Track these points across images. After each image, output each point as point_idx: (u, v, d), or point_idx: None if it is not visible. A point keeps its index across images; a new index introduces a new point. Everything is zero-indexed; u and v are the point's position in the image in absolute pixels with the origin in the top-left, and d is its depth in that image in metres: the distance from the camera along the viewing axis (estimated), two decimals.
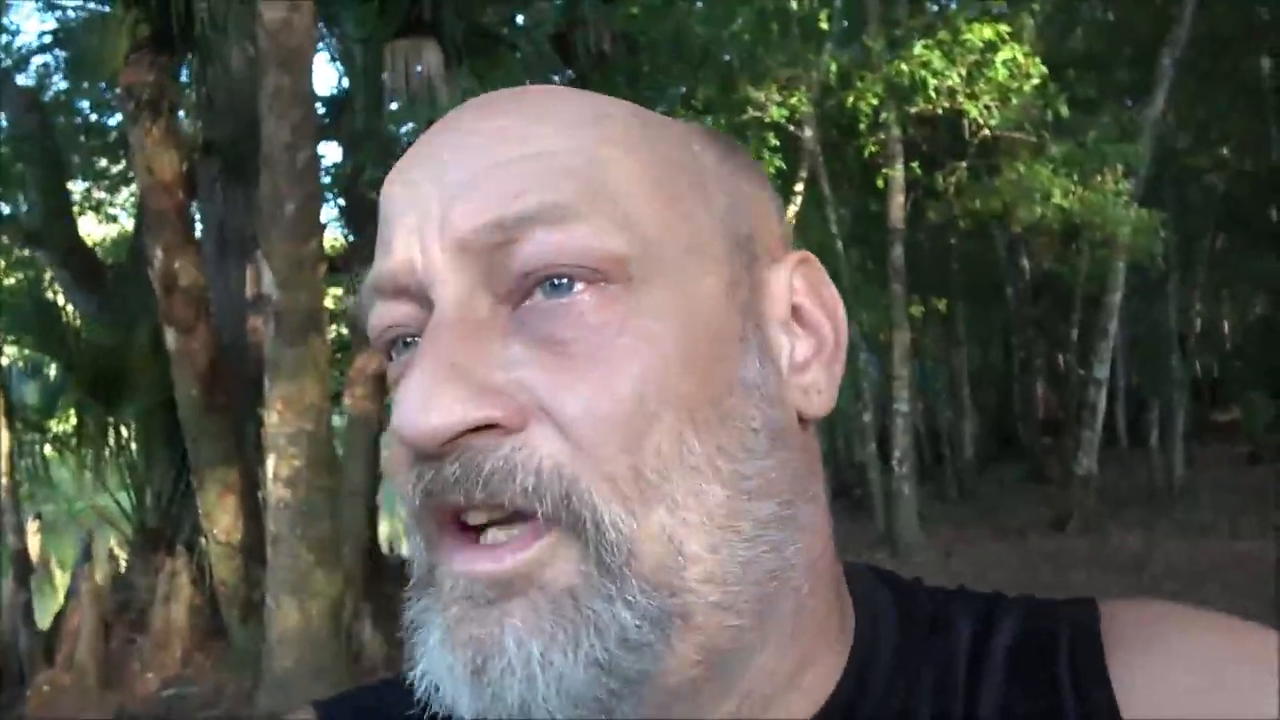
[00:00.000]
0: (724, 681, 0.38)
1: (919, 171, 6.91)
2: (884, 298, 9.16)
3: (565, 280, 0.35)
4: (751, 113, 6.01)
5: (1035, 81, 5.83)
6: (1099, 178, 8.10)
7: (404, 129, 6.54)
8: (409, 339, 0.39)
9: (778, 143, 6.15)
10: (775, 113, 5.92)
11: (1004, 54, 5.70)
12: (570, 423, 0.35)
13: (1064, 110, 6.08)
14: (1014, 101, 5.93)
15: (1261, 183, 13.02)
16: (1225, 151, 12.69)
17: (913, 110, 6.05)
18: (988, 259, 14.06)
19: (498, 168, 0.36)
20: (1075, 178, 7.56)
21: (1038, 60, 5.73)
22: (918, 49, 5.68)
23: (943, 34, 5.58)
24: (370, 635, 6.96)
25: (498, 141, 0.37)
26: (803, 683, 0.40)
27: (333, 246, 9.35)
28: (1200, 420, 15.20)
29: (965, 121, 6.28)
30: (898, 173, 8.03)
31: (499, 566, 0.35)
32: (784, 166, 6.30)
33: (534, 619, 0.34)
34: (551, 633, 0.34)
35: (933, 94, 5.81)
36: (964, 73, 5.70)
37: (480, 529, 0.36)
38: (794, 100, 5.91)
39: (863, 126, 6.33)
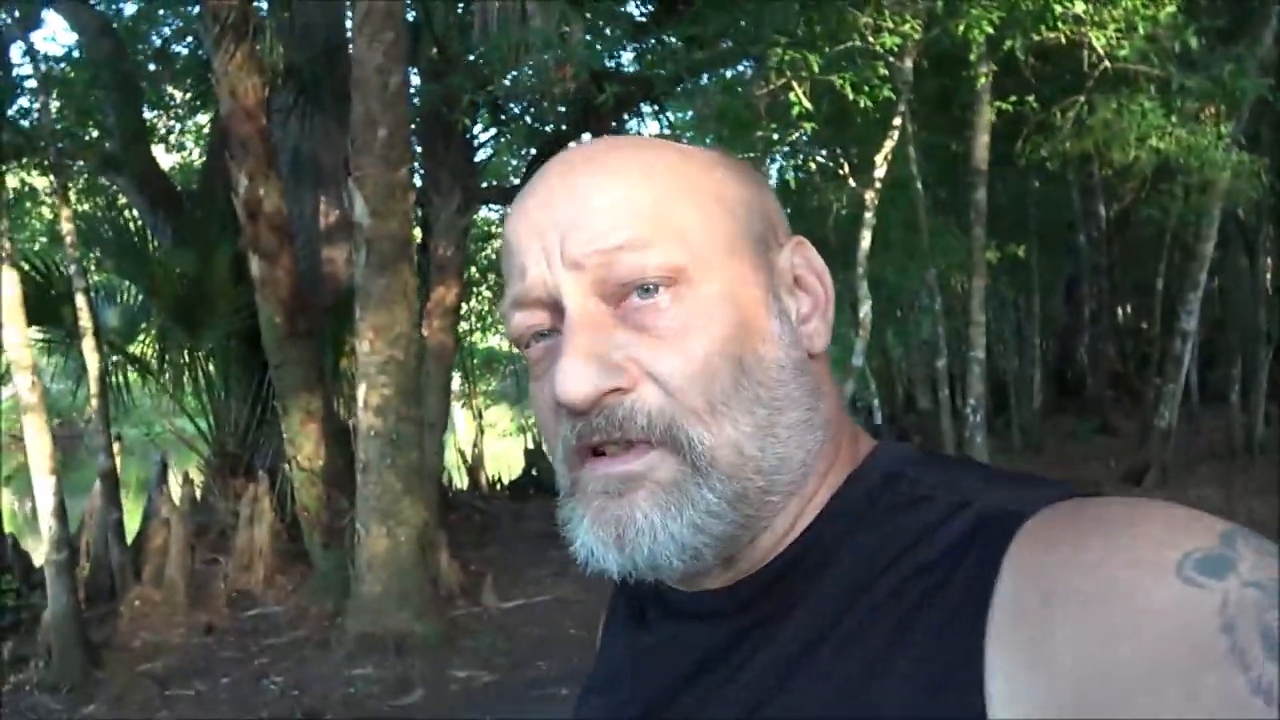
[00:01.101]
0: (749, 538, 0.55)
1: (1035, 107, 6.59)
2: (963, 242, 8.90)
3: (650, 287, 0.53)
4: (856, 41, 5.75)
5: (1170, 9, 5.48)
6: (1201, 118, 7.73)
7: (496, 55, 6.37)
8: (544, 332, 0.56)
9: (886, 72, 5.90)
10: (888, 40, 5.64)
11: None
12: (665, 380, 0.52)
13: (1194, 42, 5.71)
14: (1141, 31, 5.57)
15: None
16: None
17: (1036, 39, 5.72)
18: (1062, 204, 13.63)
19: (595, 211, 0.54)
20: (1174, 119, 7.21)
21: None
22: None
23: None
24: (448, 564, 7.06)
25: (592, 191, 0.54)
26: (783, 540, 0.56)
27: None
28: (1272, 379, 14.77)
29: (1085, 53, 5.95)
30: (988, 110, 7.73)
31: (627, 467, 0.53)
32: (893, 97, 6.06)
33: (652, 500, 0.52)
34: (665, 507, 0.52)
35: (1058, 22, 5.50)
36: None
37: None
38: (906, 27, 5.63)
39: (973, 58, 6.03)
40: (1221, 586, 0.39)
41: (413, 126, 8.25)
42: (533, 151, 11.07)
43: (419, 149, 7.97)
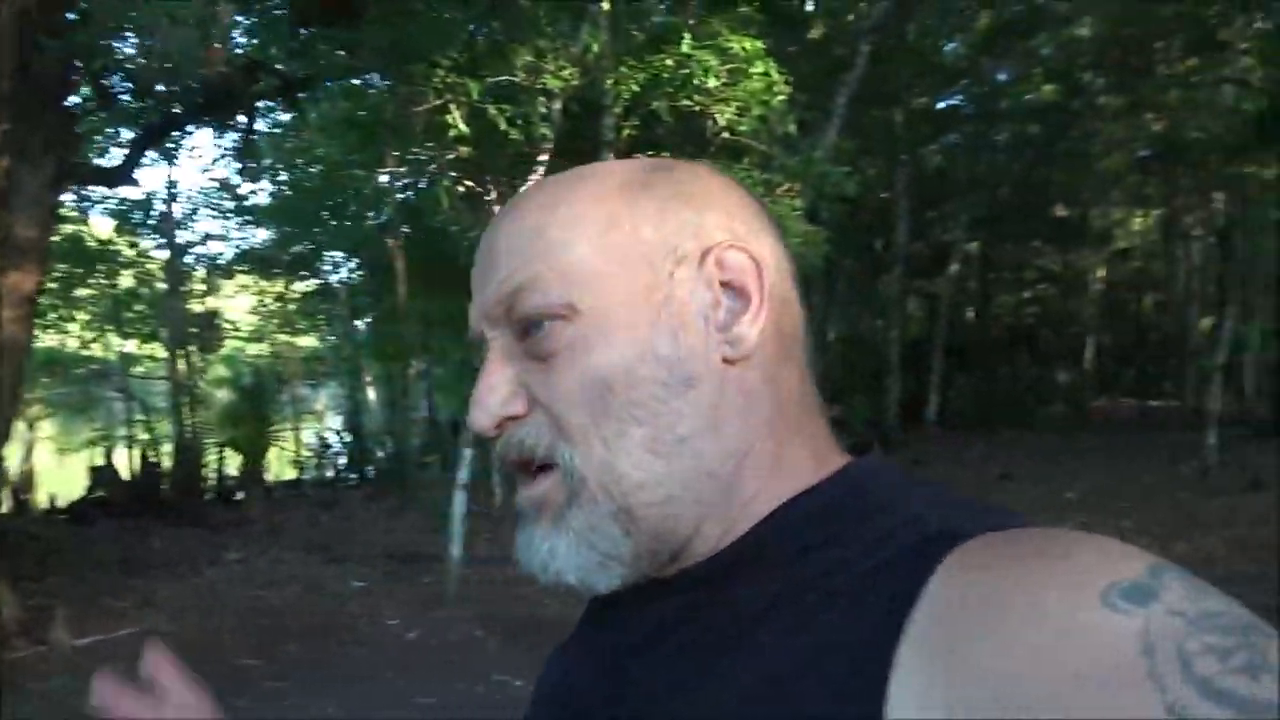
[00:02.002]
0: (674, 548, 0.58)
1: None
2: None
3: (542, 323, 0.58)
4: (523, 77, 6.00)
5: (781, 98, 6.47)
6: (778, 191, 9.14)
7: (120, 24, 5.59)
8: None
9: (545, 110, 6.23)
10: (551, 81, 5.95)
11: (760, 66, 6.26)
12: (549, 408, 0.58)
13: (793, 128, 6.79)
14: (755, 112, 6.49)
15: (877, 215, 15.35)
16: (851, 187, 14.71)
17: (675, 104, 6.41)
18: None
19: (499, 258, 0.60)
20: (761, 190, 8.47)
21: (785, 79, 6.37)
22: (685, 46, 6.05)
23: (720, 40, 6.02)
24: (5, 598, 6.01)
25: (501, 239, 0.61)
26: (720, 544, 0.59)
27: None
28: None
29: (709, 124, 6.80)
30: (612, 158, 8.44)
31: (532, 492, 0.60)
32: (548, 134, 6.39)
33: (546, 524, 0.58)
34: (554, 529, 0.58)
35: (694, 93, 6.21)
36: (723, 76, 6.16)
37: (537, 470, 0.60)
38: (566, 72, 5.99)
39: (618, 110, 6.59)
40: (1144, 613, 0.40)
41: None
42: (129, 134, 9.86)
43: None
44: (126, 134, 10.59)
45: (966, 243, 19.94)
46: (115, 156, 10.87)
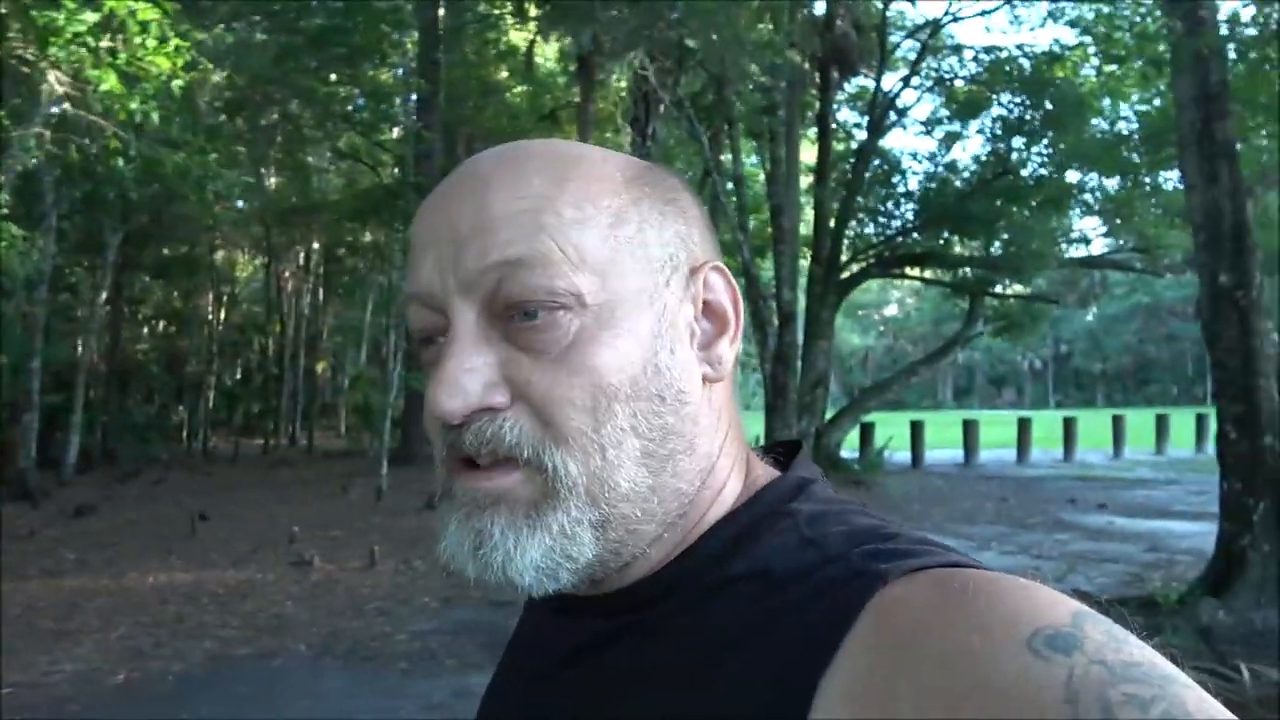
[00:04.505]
0: (619, 564, 0.57)
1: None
2: None
3: (542, 309, 0.53)
4: None
5: (180, 83, 5.03)
6: None
7: None
8: (436, 338, 0.57)
9: None
10: None
11: (175, 40, 4.80)
12: (539, 405, 0.54)
13: (156, 118, 5.39)
14: (112, 88, 4.90)
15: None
16: None
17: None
18: None
19: (495, 221, 0.54)
20: None
21: (206, 68, 5.05)
22: (90, 15, 4.28)
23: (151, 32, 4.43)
24: None
25: (496, 196, 0.55)
26: (659, 565, 0.58)
27: None
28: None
29: (45, 86, 4.87)
30: None
31: (491, 484, 0.54)
32: None
33: (509, 519, 0.54)
34: (519, 528, 0.54)
35: (91, 71, 4.40)
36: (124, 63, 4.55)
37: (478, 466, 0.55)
38: None
39: None
40: (1068, 662, 0.40)
41: None
42: None
43: None
44: None
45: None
46: None
